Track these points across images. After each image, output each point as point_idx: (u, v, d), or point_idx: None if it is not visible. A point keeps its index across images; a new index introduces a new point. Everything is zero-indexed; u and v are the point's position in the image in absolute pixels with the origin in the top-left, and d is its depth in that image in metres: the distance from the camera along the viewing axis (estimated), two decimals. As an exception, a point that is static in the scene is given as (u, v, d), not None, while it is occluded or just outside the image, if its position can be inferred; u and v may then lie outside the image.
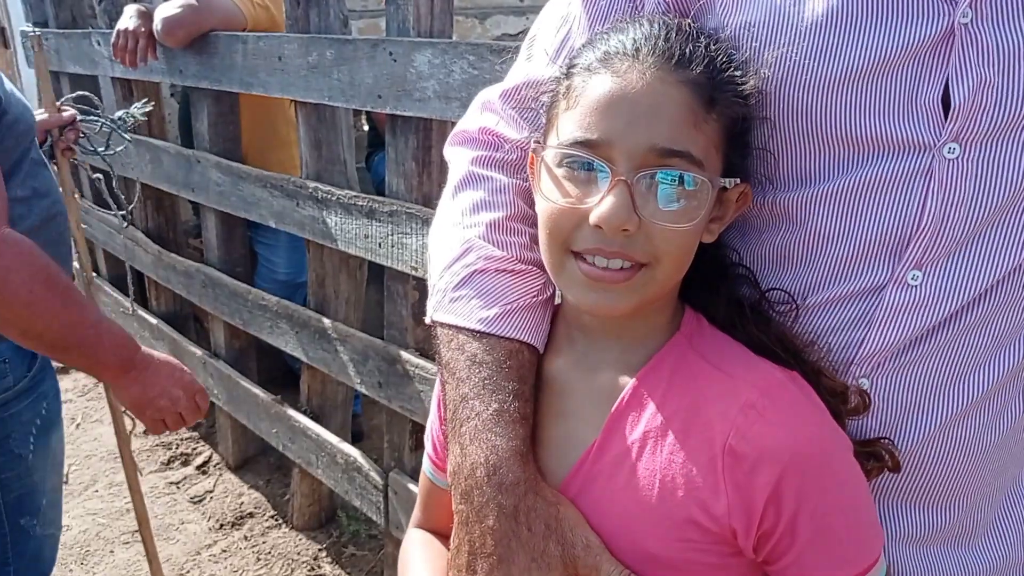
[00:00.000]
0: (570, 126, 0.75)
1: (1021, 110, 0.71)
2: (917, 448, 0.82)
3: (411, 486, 2.23)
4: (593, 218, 0.72)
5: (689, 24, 0.77)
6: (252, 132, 2.98)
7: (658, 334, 0.81)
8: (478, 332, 0.82)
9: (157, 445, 3.35)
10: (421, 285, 2.14)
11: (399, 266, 2.13)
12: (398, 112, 2.02)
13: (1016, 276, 0.77)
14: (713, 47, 0.75)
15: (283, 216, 2.54)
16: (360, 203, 2.22)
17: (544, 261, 0.80)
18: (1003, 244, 0.76)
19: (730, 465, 0.72)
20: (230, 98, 2.83)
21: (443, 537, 0.96)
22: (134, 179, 3.33)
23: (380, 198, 2.17)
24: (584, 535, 0.75)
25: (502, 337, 0.82)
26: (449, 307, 0.86)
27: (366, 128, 4.41)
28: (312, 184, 2.38)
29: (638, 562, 0.75)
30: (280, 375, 3.41)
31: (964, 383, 0.80)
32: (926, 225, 0.75)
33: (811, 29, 0.74)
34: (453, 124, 2.08)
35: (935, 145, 0.73)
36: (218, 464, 3.23)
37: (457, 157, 0.97)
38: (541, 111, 0.83)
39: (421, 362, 2.12)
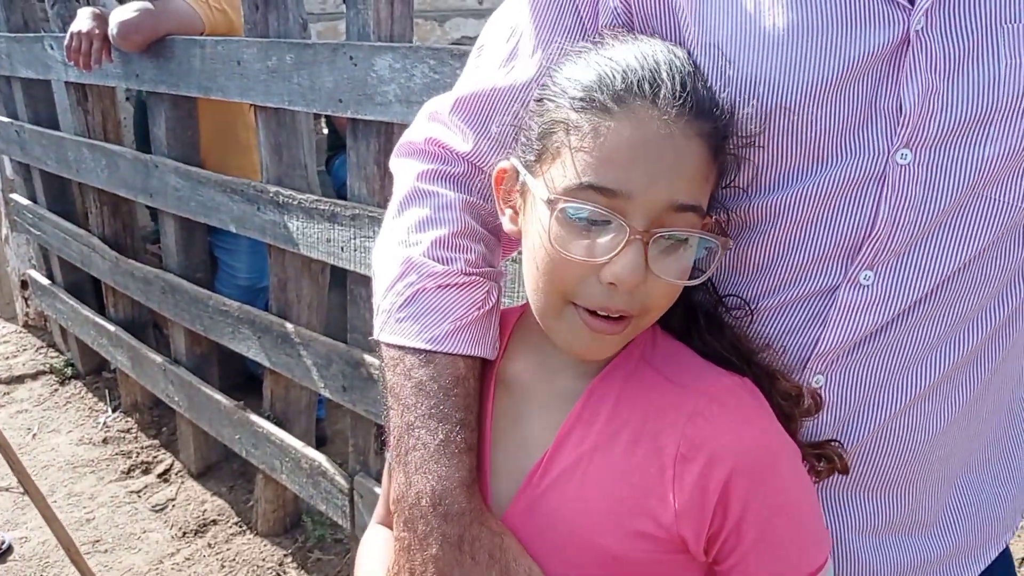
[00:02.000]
0: (582, 169, 0.72)
1: (966, 116, 0.74)
2: (869, 438, 0.85)
3: (377, 489, 2.23)
4: (609, 276, 0.71)
5: (689, 59, 0.76)
6: (211, 138, 2.95)
7: None
8: (426, 352, 0.82)
9: (117, 454, 3.31)
10: (384, 288, 2.15)
11: (362, 269, 2.13)
12: (359, 116, 2.02)
13: (961, 273, 0.80)
14: (717, 93, 0.74)
15: (244, 221, 2.52)
16: (322, 207, 2.22)
17: (534, 301, 0.79)
18: (950, 244, 0.79)
19: (680, 473, 0.74)
20: (188, 103, 2.81)
21: None
22: (90, 184, 3.30)
23: (342, 202, 2.17)
24: (527, 565, 0.76)
25: (451, 355, 0.82)
26: (395, 327, 0.85)
27: (325, 131, 4.40)
28: (273, 189, 2.38)
29: (595, 565, 0.76)
30: (241, 381, 3.39)
31: (912, 375, 0.83)
32: (879, 228, 0.78)
33: (775, 44, 0.75)
34: (415, 128, 2.09)
35: (888, 151, 0.76)
36: (180, 472, 3.19)
37: (403, 170, 0.96)
38: (511, 132, 0.83)
39: (385, 365, 2.13)
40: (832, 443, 0.83)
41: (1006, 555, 1.00)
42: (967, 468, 0.92)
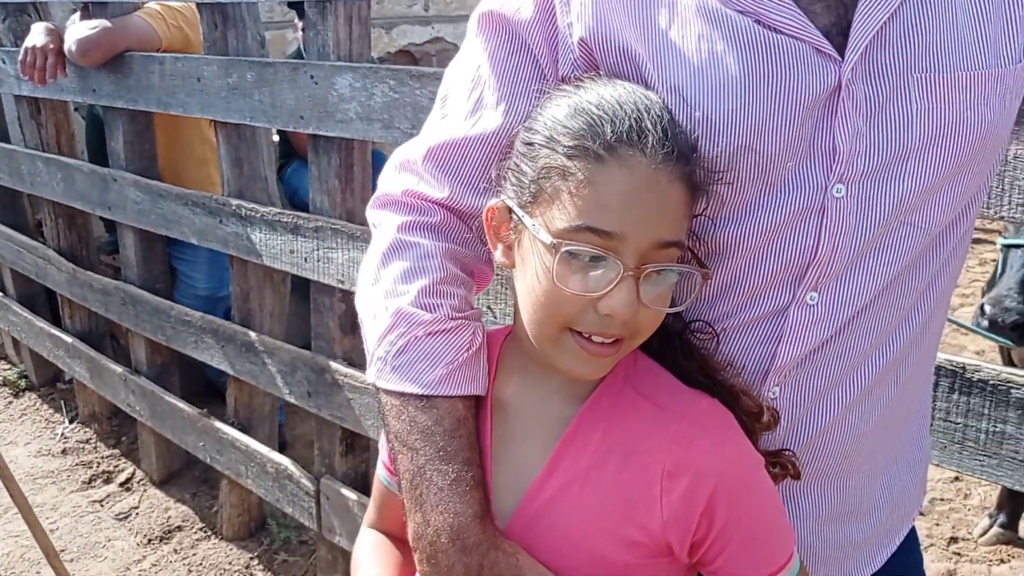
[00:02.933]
0: (578, 213, 0.79)
1: (888, 154, 0.86)
2: (817, 438, 0.97)
3: (343, 491, 2.32)
4: (606, 309, 0.80)
5: (663, 105, 0.84)
6: (167, 151, 3.00)
7: None
8: (425, 397, 0.89)
9: (77, 464, 3.33)
10: (347, 297, 2.24)
11: (326, 279, 2.21)
12: (320, 133, 2.11)
13: (889, 289, 0.92)
14: (688, 136, 0.83)
15: (206, 233, 2.58)
16: (285, 219, 2.30)
17: (532, 331, 0.87)
18: (880, 264, 0.90)
19: (667, 488, 0.85)
20: (146, 116, 2.85)
21: (394, 538, 1.05)
22: (44, 197, 3.31)
23: (304, 214, 2.25)
24: (541, 572, 0.86)
25: (450, 397, 0.89)
26: (392, 376, 0.91)
27: (276, 140, 4.44)
28: (235, 202, 2.44)
29: (589, 567, 0.87)
30: (201, 388, 3.43)
31: (851, 380, 0.95)
32: (821, 253, 0.88)
33: (728, 89, 0.85)
34: (374, 144, 2.19)
35: (826, 186, 0.87)
36: (142, 480, 3.23)
37: (383, 222, 1.01)
38: (483, 177, 0.91)
39: (350, 371, 2.22)
40: (785, 452, 0.95)
41: (912, 529, 1.14)
42: (888, 460, 1.05)
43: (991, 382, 1.27)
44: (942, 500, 3.09)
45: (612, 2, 0.89)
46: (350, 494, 2.31)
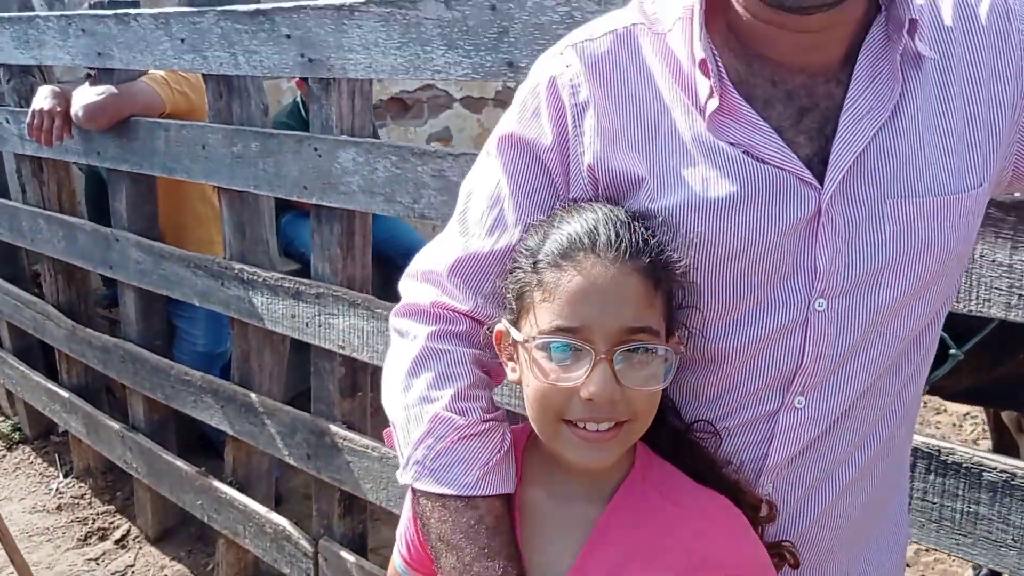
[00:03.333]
0: (550, 316, 0.89)
1: (864, 271, 0.93)
2: (808, 530, 1.03)
3: (342, 553, 2.34)
4: (585, 393, 0.87)
5: (624, 213, 0.93)
6: (168, 210, 3.06)
7: (621, 465, 0.97)
8: (466, 498, 0.95)
9: (73, 521, 3.33)
10: (347, 362, 2.28)
11: (327, 344, 2.26)
12: (324, 203, 2.17)
13: (870, 391, 0.99)
14: (649, 234, 0.91)
15: (207, 295, 2.63)
16: (286, 284, 2.35)
17: (537, 430, 0.94)
18: (860, 370, 0.98)
19: None
20: (149, 178, 2.90)
21: None
22: (45, 255, 3.36)
23: (307, 280, 2.31)
24: None
25: (489, 496, 0.95)
26: (430, 478, 0.98)
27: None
28: (238, 265, 2.50)
29: None
30: (197, 444, 3.45)
31: (838, 475, 1.02)
32: (806, 362, 0.96)
33: (717, 212, 0.93)
34: (374, 215, 2.24)
35: (809, 301, 0.94)
36: (137, 537, 3.24)
37: (412, 331, 1.07)
38: (501, 291, 0.98)
39: (349, 434, 2.25)
40: (785, 543, 1.01)
41: None
42: (872, 542, 1.10)
43: (964, 464, 1.33)
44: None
45: (619, 132, 0.97)
46: (348, 556, 2.34)
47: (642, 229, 0.92)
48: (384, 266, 3.20)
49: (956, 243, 0.96)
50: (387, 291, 1.91)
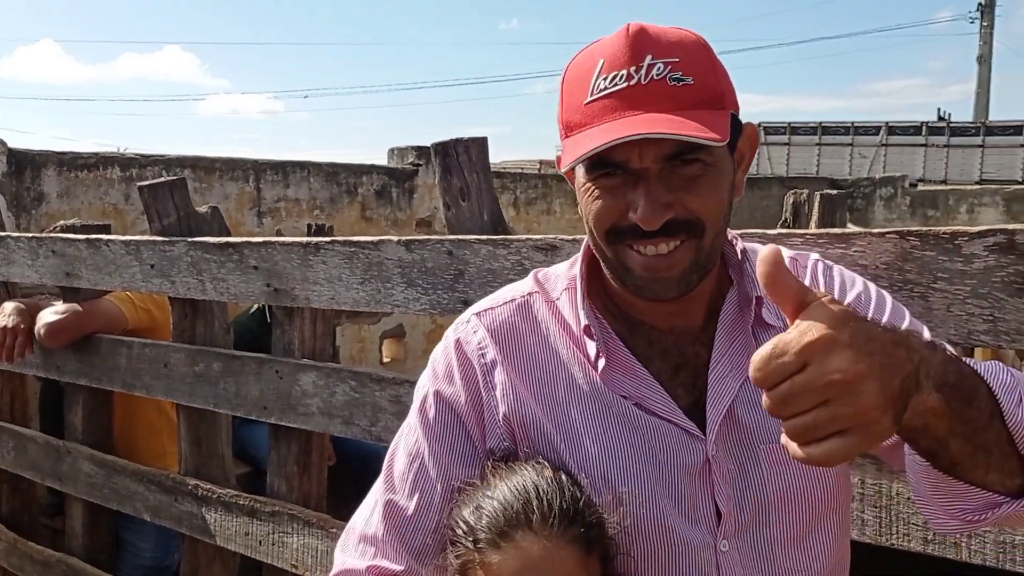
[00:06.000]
0: None
1: (754, 510, 1.04)
2: None
3: None
4: None
5: (551, 472, 1.01)
6: (122, 419, 3.07)
7: None
8: None
9: None
10: (300, 581, 2.28)
11: (280, 563, 2.27)
12: (283, 423, 2.24)
13: None
14: (579, 495, 1.00)
15: (159, 511, 2.63)
16: (241, 502, 2.37)
17: None
18: None
19: None
20: (107, 391, 2.95)
21: None
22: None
23: (262, 498, 2.34)
24: None
25: None
26: None
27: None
28: (192, 481, 2.52)
29: None
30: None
31: None
32: None
33: (622, 463, 1.04)
34: (331, 435, 2.31)
35: (715, 545, 1.04)
36: None
37: None
38: (433, 546, 1.06)
39: (300, 657, 2.22)
40: None
41: None
42: None
43: None
44: None
45: (524, 388, 1.09)
46: None
47: (572, 489, 1.01)
48: (339, 470, 3.25)
49: (834, 475, 1.08)
50: (340, 496, 1.96)
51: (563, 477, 1.02)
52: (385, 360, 6.91)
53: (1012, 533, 1.28)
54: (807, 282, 1.11)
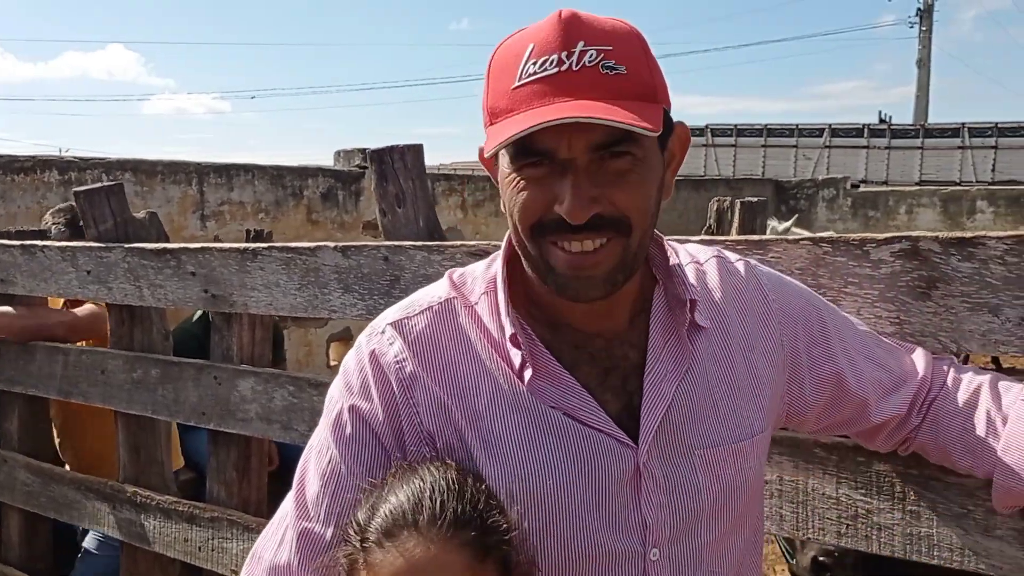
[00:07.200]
0: None
1: (686, 518, 1.05)
2: None
3: None
4: None
5: (455, 475, 0.96)
6: (57, 422, 3.04)
7: None
8: None
9: None
10: (240, 586, 2.28)
11: (220, 569, 2.27)
12: (222, 429, 2.24)
13: None
14: (479, 498, 0.95)
15: (98, 518, 2.61)
16: (180, 508, 2.37)
17: None
18: None
19: None
20: (44, 399, 2.91)
21: None
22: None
23: (201, 504, 2.34)
24: None
25: None
26: None
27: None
28: (131, 488, 2.50)
29: None
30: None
31: None
32: None
33: (548, 472, 1.02)
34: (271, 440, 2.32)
35: (644, 554, 1.04)
36: None
37: None
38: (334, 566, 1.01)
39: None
40: None
41: None
42: None
43: None
44: None
45: (446, 400, 1.04)
46: None
47: (472, 491, 0.96)
48: (282, 475, 3.24)
49: (756, 480, 1.12)
50: (281, 500, 1.95)
51: (468, 480, 0.98)
52: (332, 363, 6.88)
53: (918, 525, 1.34)
54: (744, 283, 1.16)
